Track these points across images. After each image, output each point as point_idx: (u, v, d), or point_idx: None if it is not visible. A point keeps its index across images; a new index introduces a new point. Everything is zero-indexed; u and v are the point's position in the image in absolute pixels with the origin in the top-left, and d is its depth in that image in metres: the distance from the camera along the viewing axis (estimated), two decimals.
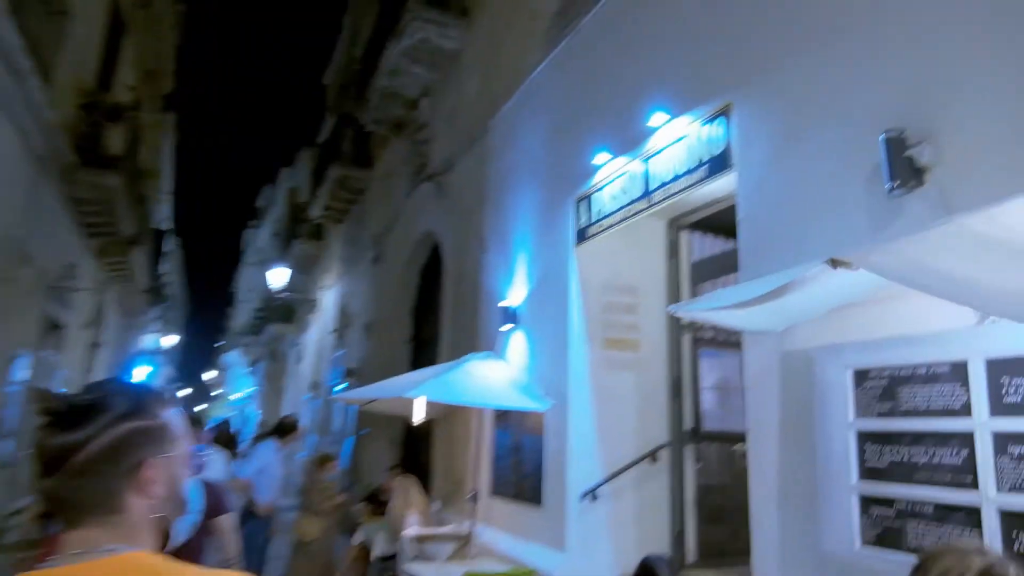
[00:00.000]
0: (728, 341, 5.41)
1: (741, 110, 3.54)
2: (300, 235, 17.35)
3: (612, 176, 4.63)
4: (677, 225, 5.25)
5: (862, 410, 2.53)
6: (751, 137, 3.45)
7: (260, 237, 30.83)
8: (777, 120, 3.30)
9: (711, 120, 3.76)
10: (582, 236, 4.98)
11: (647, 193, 4.25)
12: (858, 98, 2.88)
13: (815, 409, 2.71)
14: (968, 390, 2.20)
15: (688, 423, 4.99)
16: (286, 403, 18.67)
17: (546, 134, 5.76)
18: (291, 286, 15.94)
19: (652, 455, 4.81)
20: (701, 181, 3.81)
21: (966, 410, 2.20)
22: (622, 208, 4.49)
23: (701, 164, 3.81)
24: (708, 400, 5.17)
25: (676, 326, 5.18)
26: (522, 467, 5.36)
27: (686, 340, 5.17)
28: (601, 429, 4.84)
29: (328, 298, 14.81)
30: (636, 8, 4.67)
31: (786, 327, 3.00)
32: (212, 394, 46.59)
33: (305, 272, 17.34)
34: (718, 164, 3.68)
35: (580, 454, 4.71)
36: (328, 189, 13.43)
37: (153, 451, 0.99)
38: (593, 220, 4.84)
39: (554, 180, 5.47)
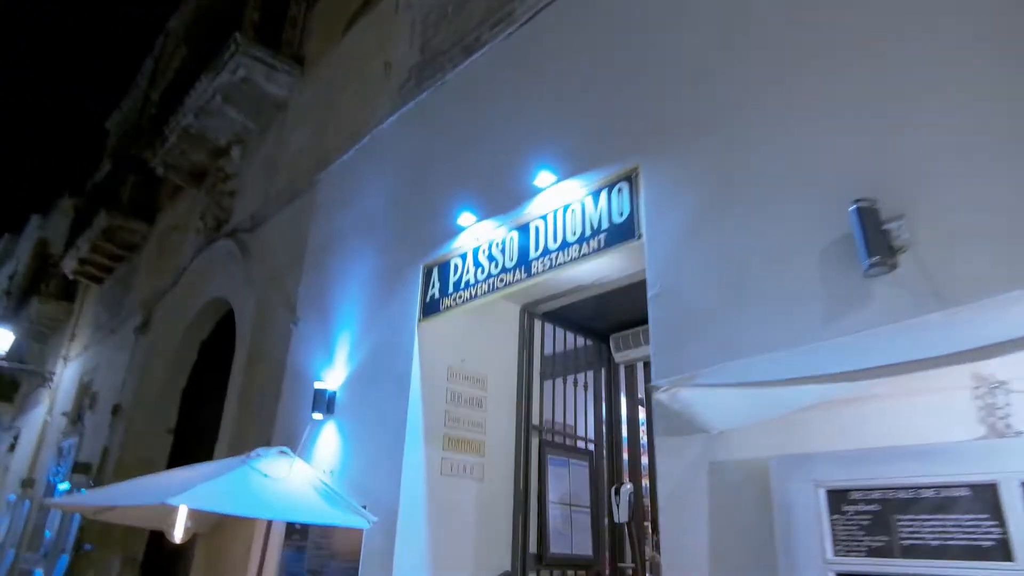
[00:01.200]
0: (577, 448, 4.78)
1: (653, 171, 3.06)
2: (42, 293, 14.21)
3: (478, 241, 3.92)
4: (531, 312, 4.66)
5: (844, 545, 1.92)
6: (665, 204, 2.96)
7: None
8: (700, 185, 2.85)
9: (612, 185, 3.25)
10: (431, 309, 4.13)
11: (525, 262, 3.57)
12: (810, 161, 2.50)
13: (774, 541, 2.06)
14: (1004, 523, 1.69)
15: (532, 546, 4.19)
16: None
17: (392, 192, 4.95)
18: (15, 353, 12.68)
19: None
20: (596, 252, 3.22)
21: (1002, 551, 1.68)
22: (490, 277, 3.75)
23: (596, 232, 3.24)
24: (554, 517, 4.42)
25: (524, 427, 4.45)
26: None
27: (535, 444, 4.45)
28: (435, 553, 3.81)
29: (68, 372, 11.93)
30: (519, 57, 4.19)
31: (720, 430, 2.39)
32: None
33: (40, 339, 14.09)
34: (619, 234, 3.14)
35: None
36: (91, 240, 11.12)
37: None
38: (448, 291, 4.03)
39: (399, 244, 4.62)
